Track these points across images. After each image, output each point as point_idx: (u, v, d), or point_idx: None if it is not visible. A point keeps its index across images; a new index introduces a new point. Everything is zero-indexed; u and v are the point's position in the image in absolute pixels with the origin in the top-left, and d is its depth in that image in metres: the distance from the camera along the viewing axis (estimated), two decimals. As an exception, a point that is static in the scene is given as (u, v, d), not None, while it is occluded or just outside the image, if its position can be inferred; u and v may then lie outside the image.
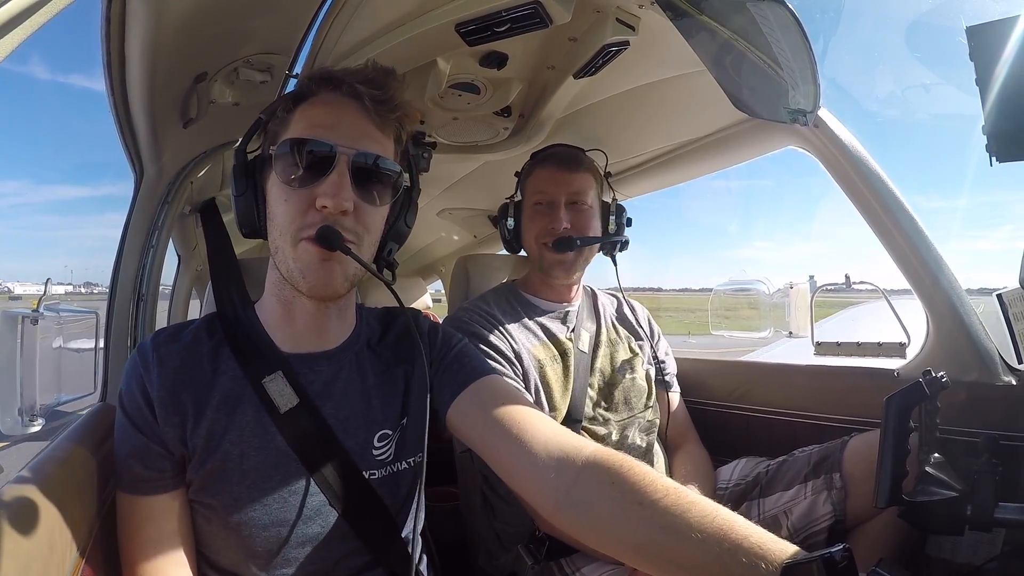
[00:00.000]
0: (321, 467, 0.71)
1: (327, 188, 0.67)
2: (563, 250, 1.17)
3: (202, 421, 0.69)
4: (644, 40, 1.04)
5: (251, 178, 0.73)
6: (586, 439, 0.68)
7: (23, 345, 0.78)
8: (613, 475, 0.59)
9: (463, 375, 0.77)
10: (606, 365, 1.21)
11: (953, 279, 1.08)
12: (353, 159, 0.68)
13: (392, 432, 0.76)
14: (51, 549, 0.56)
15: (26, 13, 0.40)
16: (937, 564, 1.02)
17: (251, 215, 0.73)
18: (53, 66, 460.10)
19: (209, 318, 0.78)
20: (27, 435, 0.83)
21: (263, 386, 0.70)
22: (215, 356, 0.73)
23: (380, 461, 0.74)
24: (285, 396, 0.70)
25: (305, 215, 0.67)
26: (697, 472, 1.18)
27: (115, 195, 32.85)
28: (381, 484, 0.74)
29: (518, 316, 1.19)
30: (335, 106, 0.71)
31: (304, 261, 0.68)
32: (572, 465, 0.63)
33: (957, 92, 0.87)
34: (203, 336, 0.74)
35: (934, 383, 0.77)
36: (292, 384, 0.71)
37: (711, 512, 0.52)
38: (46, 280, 1.65)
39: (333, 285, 0.70)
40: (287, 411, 0.70)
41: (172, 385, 0.69)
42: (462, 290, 1.42)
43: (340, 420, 0.73)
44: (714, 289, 2.70)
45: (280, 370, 0.72)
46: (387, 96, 0.71)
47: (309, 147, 0.68)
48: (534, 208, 1.22)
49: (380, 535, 0.74)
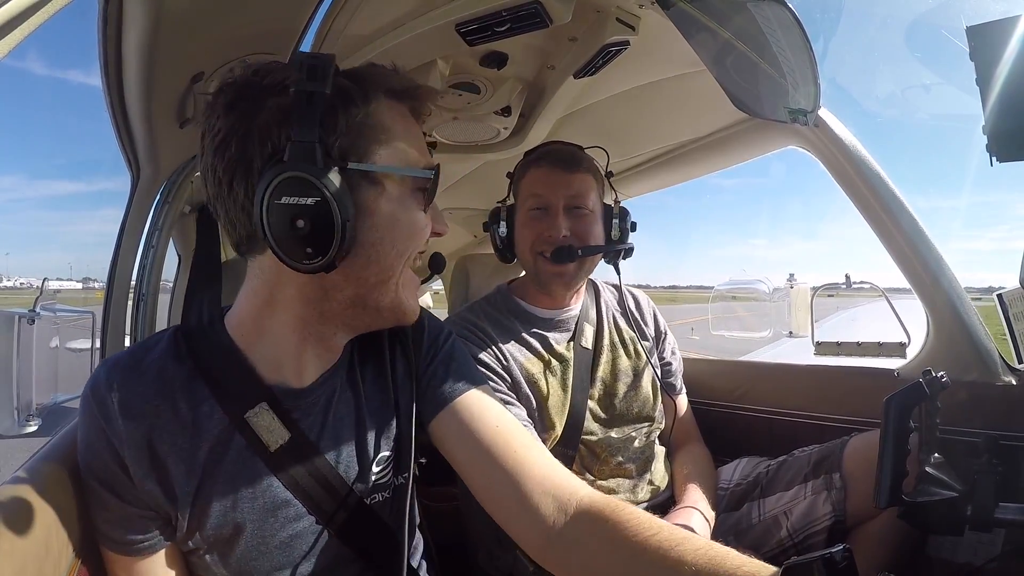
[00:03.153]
0: (322, 504, 0.64)
1: (438, 215, 0.66)
2: (562, 261, 1.06)
3: (190, 473, 0.59)
4: (644, 40, 1.04)
5: (350, 199, 0.57)
6: (578, 481, 0.64)
7: (19, 345, 0.78)
8: (606, 515, 0.57)
9: (449, 387, 0.70)
10: (607, 373, 1.14)
11: (953, 279, 1.08)
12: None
13: (390, 453, 0.70)
14: (47, 549, 0.56)
15: (26, 14, 0.40)
16: (937, 564, 1.02)
17: (339, 236, 0.55)
18: (51, 62, 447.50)
19: (174, 338, 0.64)
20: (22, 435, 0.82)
21: (246, 421, 0.61)
22: (190, 393, 0.61)
23: (382, 484, 0.69)
24: (273, 431, 0.61)
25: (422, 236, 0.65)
26: (699, 471, 1.17)
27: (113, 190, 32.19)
28: (383, 506, 0.70)
29: (511, 327, 1.11)
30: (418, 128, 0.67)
31: (411, 285, 0.66)
32: (565, 508, 0.60)
33: (957, 92, 0.87)
34: (170, 364, 0.61)
35: (934, 383, 0.77)
36: (280, 416, 0.62)
37: (704, 546, 0.51)
38: (43, 279, 1.64)
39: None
40: (277, 449, 0.61)
41: (145, 434, 0.58)
42: (462, 290, 1.42)
43: (338, 451, 0.66)
44: (714, 289, 2.71)
45: (264, 401, 0.62)
46: None
47: (433, 175, 0.64)
48: (529, 213, 1.10)
49: (387, 554, 0.70)
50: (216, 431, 0.61)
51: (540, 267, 1.10)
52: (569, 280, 1.10)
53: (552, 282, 1.10)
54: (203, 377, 0.62)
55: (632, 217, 1.18)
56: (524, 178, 1.14)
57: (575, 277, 1.10)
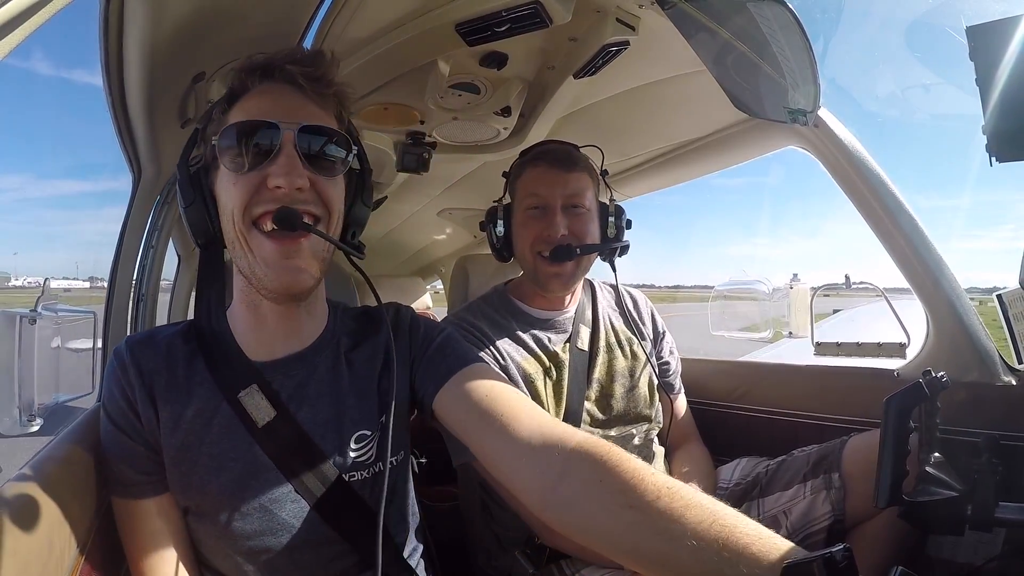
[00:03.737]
0: (300, 474, 0.69)
1: (278, 168, 0.64)
2: (561, 260, 1.07)
3: (176, 432, 0.68)
4: (644, 40, 1.04)
5: (197, 186, 0.69)
6: (572, 428, 0.64)
7: (21, 345, 0.78)
8: (601, 472, 0.56)
9: (447, 365, 0.75)
10: (603, 375, 1.14)
11: (953, 279, 1.08)
12: (298, 133, 0.65)
13: (371, 432, 0.74)
14: (51, 547, 0.56)
15: (26, 14, 0.40)
16: (937, 564, 1.02)
17: (203, 220, 0.69)
18: (57, 63, 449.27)
19: (187, 325, 0.76)
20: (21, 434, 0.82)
21: (239, 401, 0.69)
22: (189, 365, 0.71)
23: (360, 463, 0.73)
24: (262, 410, 0.69)
25: (257, 195, 0.65)
26: (697, 471, 1.17)
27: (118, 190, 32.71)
28: (363, 486, 0.73)
29: (507, 327, 1.12)
30: (271, 93, 0.68)
31: (263, 256, 0.65)
32: (556, 458, 0.59)
33: (958, 92, 0.87)
34: (178, 343, 0.72)
35: (934, 383, 0.77)
36: (268, 396, 0.70)
37: (708, 516, 0.48)
38: (45, 278, 1.64)
39: (301, 278, 0.67)
40: (264, 425, 0.69)
41: (150, 387, 0.69)
42: (462, 290, 1.42)
43: (317, 425, 0.71)
44: (714, 288, 2.70)
45: (255, 383, 0.70)
46: (319, 73, 0.69)
47: (251, 129, 0.65)
48: (527, 213, 1.11)
49: (367, 538, 0.71)
50: (205, 398, 0.69)
51: (539, 267, 1.10)
52: (567, 279, 1.11)
53: (550, 281, 1.10)
54: (204, 357, 0.71)
55: (627, 215, 1.19)
56: (521, 178, 1.14)
57: (573, 276, 1.11)
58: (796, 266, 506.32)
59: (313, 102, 0.69)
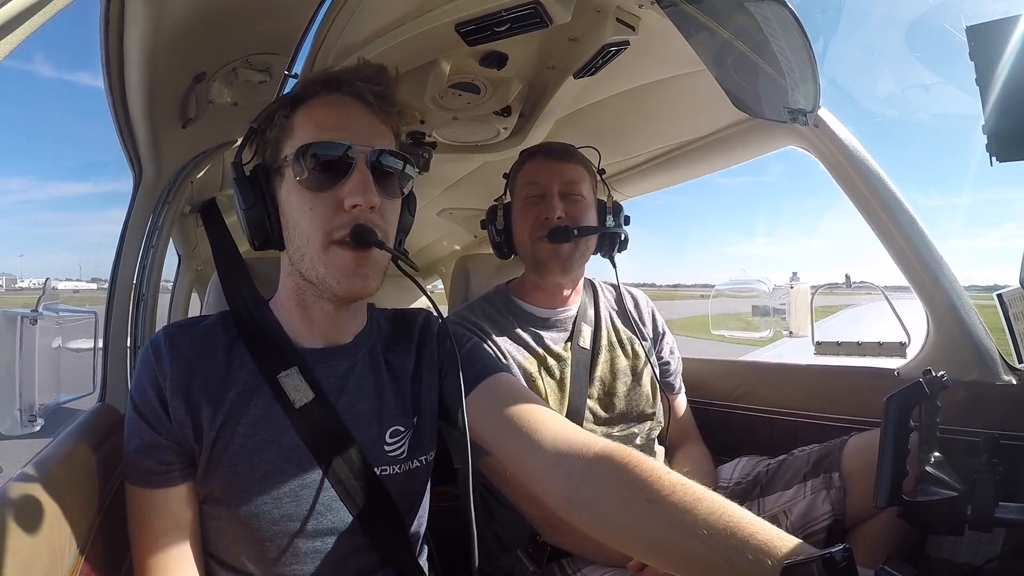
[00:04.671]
0: (333, 461, 0.71)
1: (353, 187, 0.68)
2: (558, 240, 1.08)
3: (215, 413, 0.69)
4: (644, 40, 1.04)
5: (258, 189, 0.72)
6: (594, 436, 0.68)
7: (22, 345, 0.78)
8: (621, 472, 0.60)
9: (474, 373, 0.78)
10: (606, 373, 1.15)
11: (953, 279, 1.08)
12: (370, 156, 0.69)
13: (405, 429, 0.76)
14: (51, 547, 0.56)
15: (26, 14, 0.40)
16: (937, 564, 1.02)
17: (263, 227, 0.72)
18: (59, 64, 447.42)
19: (223, 315, 0.78)
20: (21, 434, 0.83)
21: (278, 381, 0.71)
22: (230, 351, 0.73)
23: (393, 457, 0.75)
24: (300, 391, 0.71)
25: (334, 218, 0.68)
26: (698, 470, 1.17)
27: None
28: (393, 481, 0.75)
29: (508, 325, 1.13)
30: (340, 106, 0.71)
31: (338, 265, 0.69)
32: (580, 462, 0.64)
33: (957, 92, 0.87)
34: (218, 331, 0.74)
35: (934, 383, 0.77)
36: (307, 379, 0.72)
37: (718, 508, 0.54)
38: (46, 279, 1.64)
39: (369, 285, 0.71)
40: (302, 406, 0.71)
41: (186, 374, 0.69)
42: (462, 290, 1.42)
43: (354, 415, 0.73)
44: (714, 288, 2.71)
45: (296, 365, 0.72)
46: (387, 92, 0.73)
47: (326, 150, 0.68)
48: (525, 201, 1.14)
49: (387, 534, 0.75)
50: (244, 380, 0.71)
51: (538, 249, 1.12)
52: (564, 261, 1.11)
53: (549, 262, 1.11)
54: (245, 342, 0.73)
55: (626, 214, 1.21)
56: (519, 172, 1.19)
57: (571, 259, 1.12)
58: (796, 265, 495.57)
59: (380, 120, 0.73)
